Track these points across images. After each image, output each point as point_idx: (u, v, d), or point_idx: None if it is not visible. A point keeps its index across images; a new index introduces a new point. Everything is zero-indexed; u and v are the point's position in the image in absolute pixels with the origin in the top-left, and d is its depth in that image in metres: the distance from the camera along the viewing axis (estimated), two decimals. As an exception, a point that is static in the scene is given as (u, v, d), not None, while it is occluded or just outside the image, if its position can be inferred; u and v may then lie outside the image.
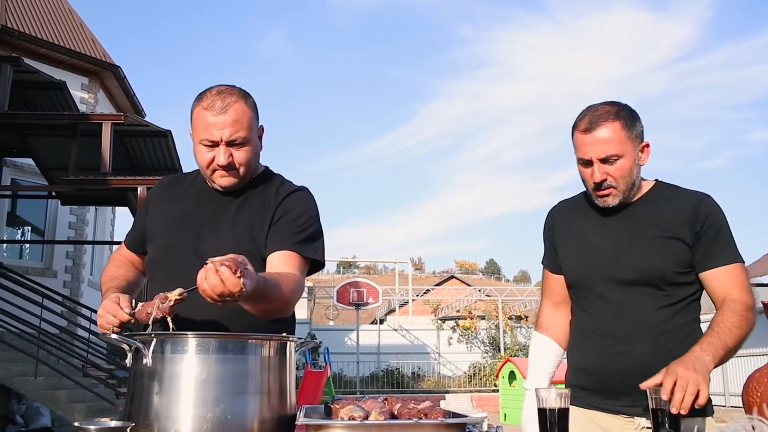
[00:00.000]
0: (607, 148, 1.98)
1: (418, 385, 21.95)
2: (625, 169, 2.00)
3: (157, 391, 1.33)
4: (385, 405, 1.43)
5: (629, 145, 2.00)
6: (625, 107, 2.06)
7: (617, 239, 2.07)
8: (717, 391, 15.63)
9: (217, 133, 1.82)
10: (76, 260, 14.17)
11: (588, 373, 2.13)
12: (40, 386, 8.90)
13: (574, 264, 2.17)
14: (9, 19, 13.05)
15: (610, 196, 2.03)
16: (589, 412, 2.11)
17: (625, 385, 2.01)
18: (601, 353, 2.08)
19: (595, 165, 2.01)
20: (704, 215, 2.01)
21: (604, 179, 2.01)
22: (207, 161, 1.86)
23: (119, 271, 2.02)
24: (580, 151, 2.04)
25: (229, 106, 1.83)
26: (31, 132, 10.40)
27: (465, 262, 52.92)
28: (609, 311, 2.06)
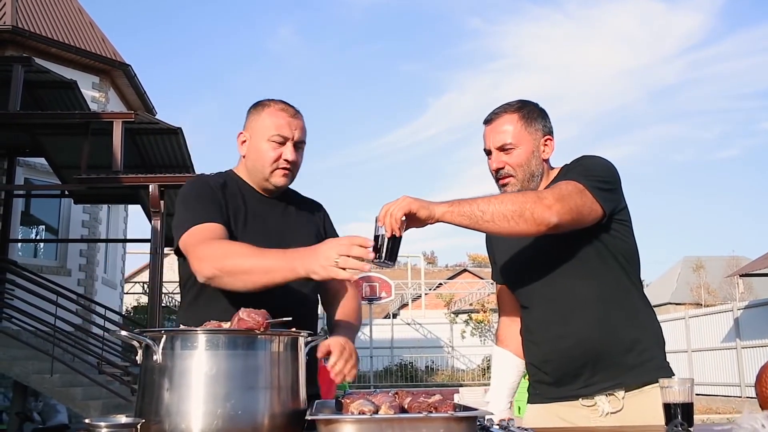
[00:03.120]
0: (503, 137, 2.07)
1: (431, 379, 21.98)
2: (521, 158, 2.06)
3: (168, 387, 1.33)
4: (396, 399, 1.43)
5: (527, 136, 2.07)
6: (530, 103, 2.14)
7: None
8: (732, 382, 15.57)
9: (290, 132, 2.01)
10: (90, 258, 14.26)
11: (539, 365, 2.14)
12: (57, 384, 8.98)
13: (508, 264, 2.22)
14: (20, 20, 13.12)
15: (509, 185, 2.08)
16: (550, 406, 2.11)
17: (575, 365, 2.03)
18: (543, 342, 2.10)
19: (493, 153, 2.09)
20: (570, 166, 2.06)
21: (501, 167, 2.08)
22: (273, 158, 2.00)
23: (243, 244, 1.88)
24: (484, 142, 2.13)
25: (299, 113, 2.07)
26: (43, 131, 10.46)
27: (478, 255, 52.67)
28: (542, 298, 2.09)
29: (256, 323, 1.37)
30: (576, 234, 1.96)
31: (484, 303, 25.10)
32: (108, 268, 15.80)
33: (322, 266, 1.60)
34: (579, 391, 2.03)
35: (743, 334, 15.45)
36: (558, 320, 2.05)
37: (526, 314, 2.19)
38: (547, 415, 2.10)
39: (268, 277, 1.69)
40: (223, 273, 1.72)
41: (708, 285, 28.01)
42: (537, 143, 2.09)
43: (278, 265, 1.69)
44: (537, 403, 2.17)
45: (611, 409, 1.99)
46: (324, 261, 1.60)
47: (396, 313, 28.91)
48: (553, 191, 1.86)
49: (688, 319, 17.60)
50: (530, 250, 2.10)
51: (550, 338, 2.07)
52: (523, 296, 2.17)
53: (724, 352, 16.10)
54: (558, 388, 2.08)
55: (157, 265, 9.66)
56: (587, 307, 2.01)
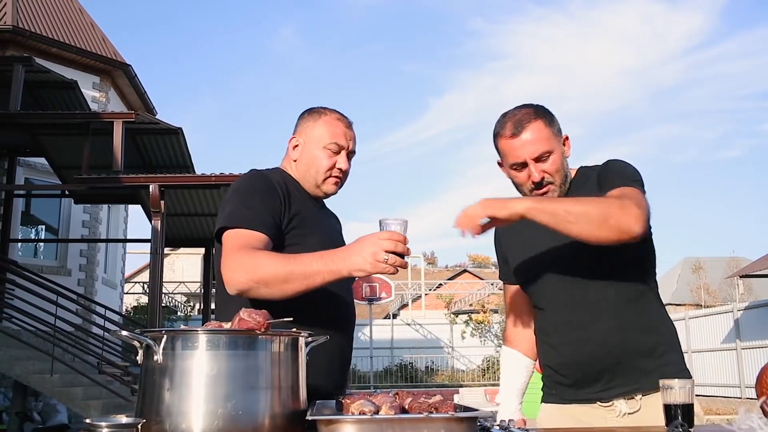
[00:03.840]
0: (538, 147, 2.01)
1: (431, 380, 21.98)
2: (557, 164, 2.04)
3: (168, 387, 1.33)
4: (396, 399, 1.43)
5: (554, 140, 2.04)
6: (541, 107, 2.10)
7: (554, 233, 2.04)
8: (732, 383, 15.56)
9: (345, 141, 2.06)
10: (90, 258, 14.27)
11: (557, 368, 2.13)
12: (57, 384, 8.98)
13: (523, 265, 2.19)
14: (20, 20, 13.13)
15: (549, 192, 2.05)
16: (566, 407, 2.11)
17: (595, 369, 2.03)
18: (563, 344, 2.09)
19: (531, 166, 2.02)
20: (604, 170, 2.04)
21: (543, 177, 2.03)
22: (327, 166, 2.04)
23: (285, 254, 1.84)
24: (511, 156, 2.05)
25: (352, 124, 2.12)
26: (44, 131, 10.47)
27: (478, 255, 52.74)
28: (561, 301, 2.08)
29: (256, 323, 1.37)
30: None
31: (484, 303, 25.10)
32: (108, 268, 15.80)
33: (371, 263, 1.62)
34: (598, 395, 2.03)
35: (743, 335, 15.44)
36: (578, 324, 2.04)
37: (543, 316, 2.17)
38: (562, 414, 2.10)
39: (307, 283, 1.69)
40: (260, 283, 1.69)
41: (708, 286, 28.01)
42: (561, 145, 2.07)
43: (316, 268, 1.68)
44: (553, 402, 2.17)
45: (628, 410, 2.00)
46: (372, 257, 1.62)
47: (396, 313, 28.90)
48: (631, 199, 1.83)
49: (688, 319, 17.60)
50: (550, 251, 2.09)
51: (570, 342, 2.06)
52: (541, 298, 2.15)
53: (724, 353, 16.09)
54: (576, 390, 2.08)
55: (157, 265, 9.66)
56: (608, 312, 2.01)
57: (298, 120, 2.15)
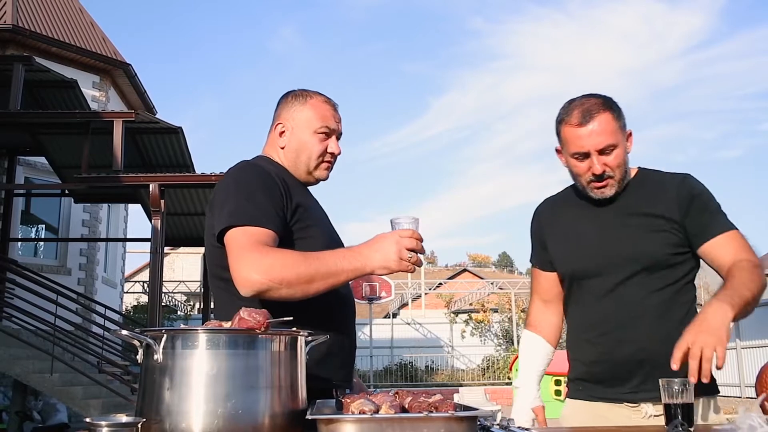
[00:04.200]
0: (604, 139, 1.98)
1: (431, 379, 21.97)
2: (620, 158, 2.02)
3: (168, 386, 1.33)
4: (396, 399, 1.43)
5: (620, 134, 2.02)
6: (609, 98, 2.07)
7: (606, 228, 2.08)
8: (732, 383, 15.55)
9: (335, 124, 2.01)
10: (90, 257, 14.27)
11: (589, 364, 2.12)
12: (57, 383, 8.98)
13: (566, 257, 2.17)
14: (20, 19, 13.12)
15: (608, 186, 2.03)
16: (593, 404, 2.10)
17: (626, 371, 2.02)
18: (600, 342, 2.07)
19: (593, 157, 2.00)
20: (690, 192, 2.02)
21: (604, 171, 2.01)
22: (319, 151, 1.98)
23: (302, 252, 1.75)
24: (574, 145, 2.02)
25: (338, 106, 2.07)
26: (44, 130, 10.47)
27: (478, 255, 52.87)
28: (603, 300, 2.06)
29: (256, 323, 1.37)
30: (663, 251, 1.99)
31: (484, 303, 25.09)
32: (108, 268, 15.80)
33: (396, 261, 1.63)
34: (626, 396, 2.02)
35: (743, 335, 15.44)
36: (619, 324, 2.03)
37: (581, 310, 2.15)
38: (587, 411, 2.10)
39: (331, 282, 1.65)
40: (282, 284, 1.61)
41: (707, 285, 27.98)
42: (625, 140, 2.05)
43: (340, 266, 1.65)
44: (579, 399, 2.15)
45: (655, 413, 1.99)
46: (396, 255, 1.62)
47: (396, 312, 28.88)
48: (756, 256, 1.96)
49: (688, 319, 17.57)
50: (599, 249, 2.07)
51: (607, 340, 2.05)
52: (583, 292, 2.13)
53: (724, 352, 16.05)
54: (604, 388, 2.07)
55: (157, 265, 9.67)
56: (652, 318, 2.00)
57: (280, 104, 2.05)
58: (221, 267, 1.79)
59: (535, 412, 2.16)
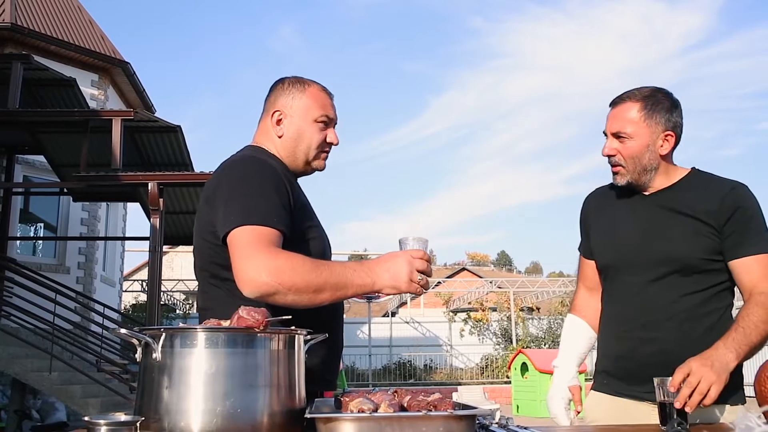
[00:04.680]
0: (619, 124, 2.03)
1: (430, 378, 21.97)
2: (633, 150, 2.02)
3: (167, 385, 1.33)
4: (395, 397, 1.43)
5: (644, 128, 2.02)
6: (660, 93, 2.06)
7: (645, 225, 2.08)
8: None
9: (333, 113, 1.97)
10: (89, 256, 14.26)
11: (613, 359, 2.13)
12: (55, 381, 8.98)
13: (602, 249, 2.18)
14: (19, 17, 13.10)
15: (619, 174, 2.07)
16: (616, 398, 2.11)
17: (648, 371, 2.00)
18: (625, 339, 2.07)
19: (608, 138, 2.06)
20: (735, 203, 1.99)
21: (613, 155, 2.05)
22: (320, 140, 1.94)
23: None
24: (606, 124, 2.10)
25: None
26: (42, 129, 10.46)
27: (476, 253, 52.91)
28: (634, 297, 2.06)
29: (255, 321, 1.37)
30: (698, 255, 1.98)
31: (483, 302, 25.07)
32: (107, 266, 15.79)
33: (406, 282, 1.60)
34: (645, 395, 2.02)
35: (742, 334, 15.43)
36: (646, 324, 2.03)
37: (612, 303, 2.16)
38: (610, 405, 2.11)
39: (338, 294, 1.60)
40: (290, 289, 1.55)
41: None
42: (655, 137, 2.03)
43: (350, 280, 1.60)
44: (603, 392, 2.16)
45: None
46: (407, 277, 1.60)
47: (395, 311, 28.87)
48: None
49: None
50: (636, 246, 2.07)
51: (632, 338, 2.05)
52: (615, 286, 2.14)
53: (722, 351, 16.07)
54: (626, 385, 2.08)
55: (156, 263, 9.66)
56: (678, 320, 1.99)
57: (275, 91, 1.98)
58: (218, 264, 1.75)
59: (571, 391, 2.17)
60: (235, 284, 1.67)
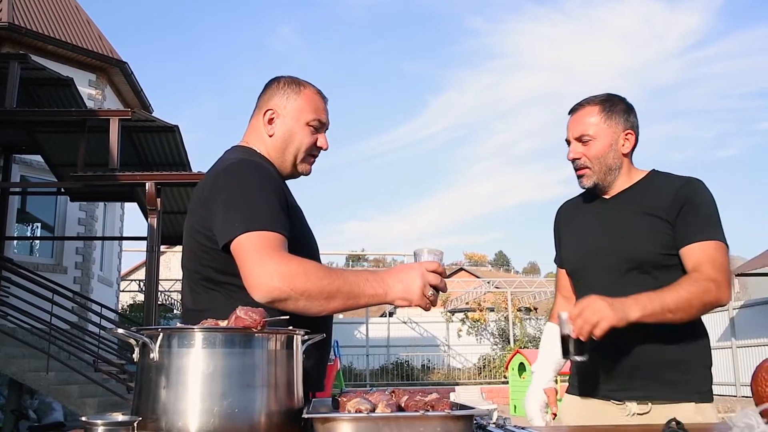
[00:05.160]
0: (581, 128, 2.12)
1: (427, 378, 21.98)
2: (597, 151, 2.11)
3: (164, 385, 1.33)
4: (392, 397, 1.43)
5: (605, 129, 2.11)
6: (615, 97, 2.17)
7: (609, 226, 2.14)
8: (727, 381, 15.59)
9: (326, 118, 1.95)
10: (86, 256, 14.25)
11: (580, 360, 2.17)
12: (52, 381, 8.97)
13: (571, 255, 2.26)
14: (16, 17, 13.09)
15: (585, 176, 2.14)
16: (585, 400, 2.16)
17: (613, 369, 2.07)
18: (590, 339, 2.10)
19: (572, 143, 2.15)
20: (685, 195, 2.05)
21: (578, 158, 2.13)
22: (310, 143, 1.91)
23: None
24: (566, 132, 2.18)
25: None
26: (40, 129, 10.44)
27: (474, 254, 52.89)
28: (597, 295, 2.09)
29: (253, 321, 1.37)
30: (656, 251, 2.02)
31: (480, 302, 25.08)
32: (104, 266, 15.77)
33: (419, 296, 1.58)
34: (612, 393, 2.07)
35: (738, 334, 15.47)
36: None
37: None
38: (580, 407, 2.17)
39: (350, 303, 1.56)
40: (303, 295, 1.51)
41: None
42: (616, 137, 2.12)
43: (362, 289, 1.56)
44: (573, 394, 2.23)
45: (639, 411, 2.03)
46: (420, 290, 1.57)
47: (392, 311, 28.86)
48: (720, 272, 1.94)
49: (684, 318, 17.60)
50: (599, 248, 2.13)
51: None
52: (583, 288, 2.19)
53: (719, 351, 16.11)
54: (592, 384, 2.13)
55: (153, 263, 9.65)
56: None
57: (269, 90, 1.94)
58: (213, 268, 1.72)
59: (546, 393, 2.24)
60: (233, 288, 1.67)
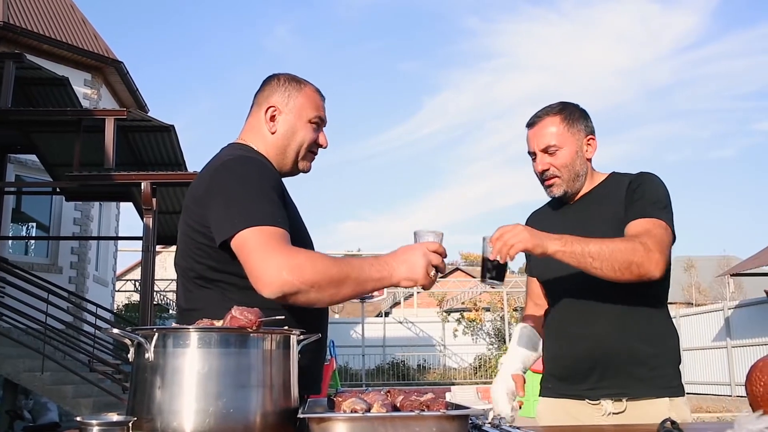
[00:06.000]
0: (546, 139, 2.14)
1: (423, 378, 21.99)
2: (565, 159, 2.13)
3: (160, 385, 1.33)
4: (388, 397, 1.43)
5: (569, 137, 2.14)
6: (570, 105, 2.20)
7: (574, 229, 2.10)
8: (722, 381, 15.64)
9: (325, 115, 1.97)
10: (81, 256, 14.21)
11: (553, 359, 2.21)
12: (47, 382, 8.95)
13: (538, 261, 2.24)
14: (11, 16, 13.05)
15: (554, 186, 2.16)
16: (559, 401, 2.17)
17: (585, 367, 2.08)
18: (562, 338, 2.15)
19: (538, 156, 2.16)
20: (635, 185, 2.09)
21: (547, 169, 2.15)
22: (312, 140, 1.93)
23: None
24: (528, 145, 2.20)
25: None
26: (35, 128, 10.42)
27: (470, 254, 52.75)
28: (567, 298, 2.15)
29: (248, 321, 1.37)
30: None
31: (476, 302, 25.11)
32: (99, 266, 15.75)
33: (423, 275, 1.60)
34: (585, 392, 2.09)
35: (733, 334, 15.52)
36: (578, 321, 2.10)
37: (550, 310, 2.25)
38: (556, 408, 2.17)
39: (359, 289, 1.58)
40: (313, 286, 1.52)
41: (699, 284, 28.14)
42: (580, 143, 2.15)
43: (369, 274, 1.58)
44: (548, 396, 2.24)
45: (614, 410, 2.05)
46: (423, 270, 1.60)
47: (388, 311, 28.89)
48: (655, 241, 1.91)
49: (679, 318, 17.67)
50: None
51: (567, 336, 2.13)
52: (552, 292, 2.24)
53: (714, 351, 16.17)
54: (566, 385, 2.14)
55: (149, 263, 9.64)
56: (610, 315, 2.06)
57: (269, 86, 1.94)
58: (207, 266, 1.72)
59: (513, 379, 2.17)
60: (227, 286, 1.69)
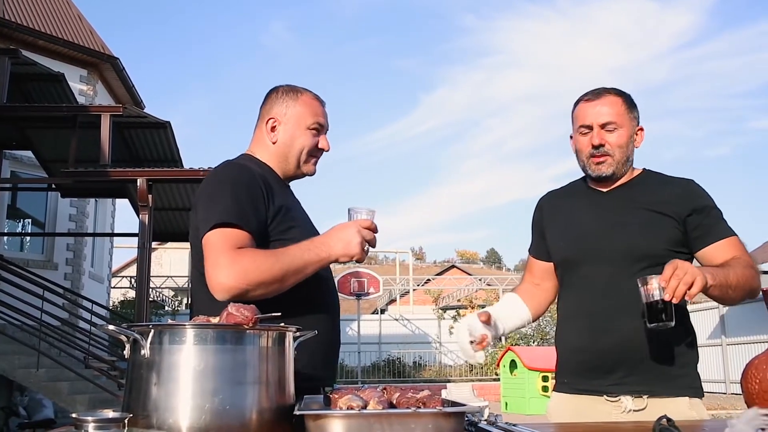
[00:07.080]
0: (608, 115, 2.11)
1: (419, 375, 22.00)
2: (622, 140, 2.11)
3: (156, 381, 1.32)
4: (384, 394, 1.44)
5: (628, 120, 2.13)
6: (627, 93, 2.19)
7: (606, 218, 2.13)
8: (717, 379, 15.68)
9: (325, 121, 2.06)
10: (77, 252, 14.19)
11: (574, 352, 2.15)
12: (43, 378, 8.93)
13: (562, 245, 2.22)
14: (6, 11, 13.01)
15: (605, 164, 2.12)
16: (576, 397, 2.12)
17: (608, 362, 2.04)
18: (585, 331, 2.10)
19: (594, 129, 2.12)
20: (694, 196, 2.09)
21: (602, 144, 2.11)
22: (312, 145, 2.03)
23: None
24: (580, 119, 2.15)
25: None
26: (30, 124, 10.39)
27: (466, 251, 52.96)
28: (594, 289, 2.09)
29: (244, 318, 1.37)
30: (662, 246, 2.03)
31: (472, 299, 25.13)
32: (95, 263, 15.72)
33: (360, 251, 1.76)
34: (607, 388, 2.05)
35: (729, 331, 15.57)
36: (607, 314, 2.05)
37: (572, 297, 2.19)
38: (571, 405, 2.13)
39: (300, 276, 1.73)
40: (258, 286, 1.67)
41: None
42: (633, 130, 2.15)
43: (307, 259, 1.74)
44: (563, 392, 2.19)
45: (634, 407, 2.01)
46: (360, 246, 1.75)
47: (384, 308, 28.89)
48: (751, 260, 2.00)
49: (675, 316, 17.69)
50: (595, 240, 2.12)
51: (594, 329, 2.07)
52: (575, 280, 2.17)
53: (709, 348, 16.21)
54: (587, 380, 2.10)
55: (144, 260, 9.62)
56: (638, 311, 1.98)
57: (269, 100, 2.06)
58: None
59: (479, 315, 2.13)
60: None
